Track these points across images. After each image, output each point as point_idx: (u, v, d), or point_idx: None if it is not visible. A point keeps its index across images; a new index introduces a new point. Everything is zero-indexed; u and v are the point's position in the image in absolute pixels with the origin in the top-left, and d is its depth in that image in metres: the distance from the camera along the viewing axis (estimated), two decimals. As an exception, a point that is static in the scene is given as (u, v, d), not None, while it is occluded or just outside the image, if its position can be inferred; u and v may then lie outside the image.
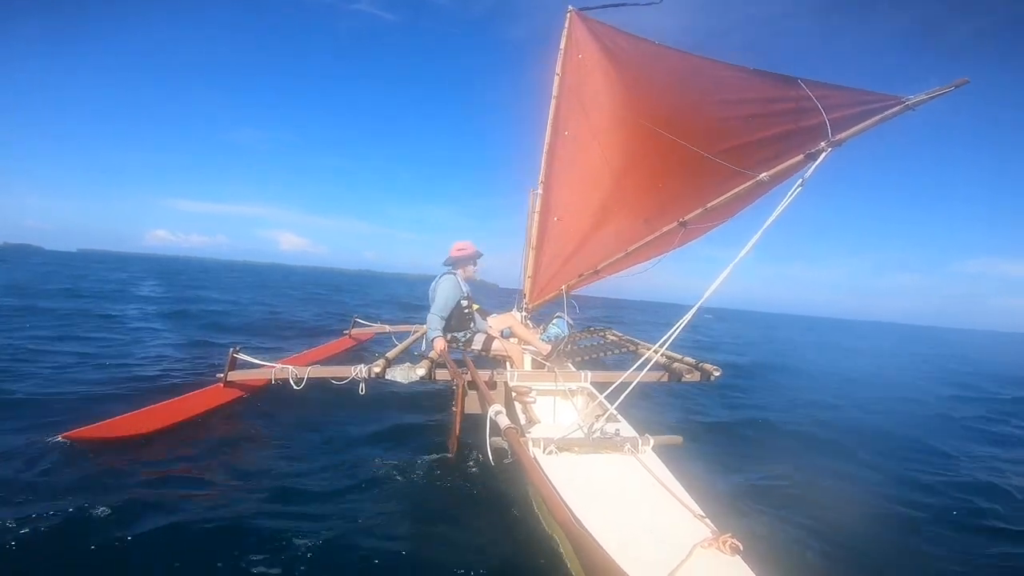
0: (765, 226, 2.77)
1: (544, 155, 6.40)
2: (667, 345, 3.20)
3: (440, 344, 4.68)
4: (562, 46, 6.21)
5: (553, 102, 6.28)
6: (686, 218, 4.03)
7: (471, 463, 4.01)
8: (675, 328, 3.04)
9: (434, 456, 4.22)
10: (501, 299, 7.30)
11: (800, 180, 2.80)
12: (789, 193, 2.76)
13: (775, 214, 2.76)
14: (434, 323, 4.84)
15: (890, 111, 2.77)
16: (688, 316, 2.95)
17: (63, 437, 3.69)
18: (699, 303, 2.92)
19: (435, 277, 5.16)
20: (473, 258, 5.23)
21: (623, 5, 5.91)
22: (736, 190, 3.52)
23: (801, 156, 2.99)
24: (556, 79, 6.24)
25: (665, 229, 4.32)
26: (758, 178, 3.30)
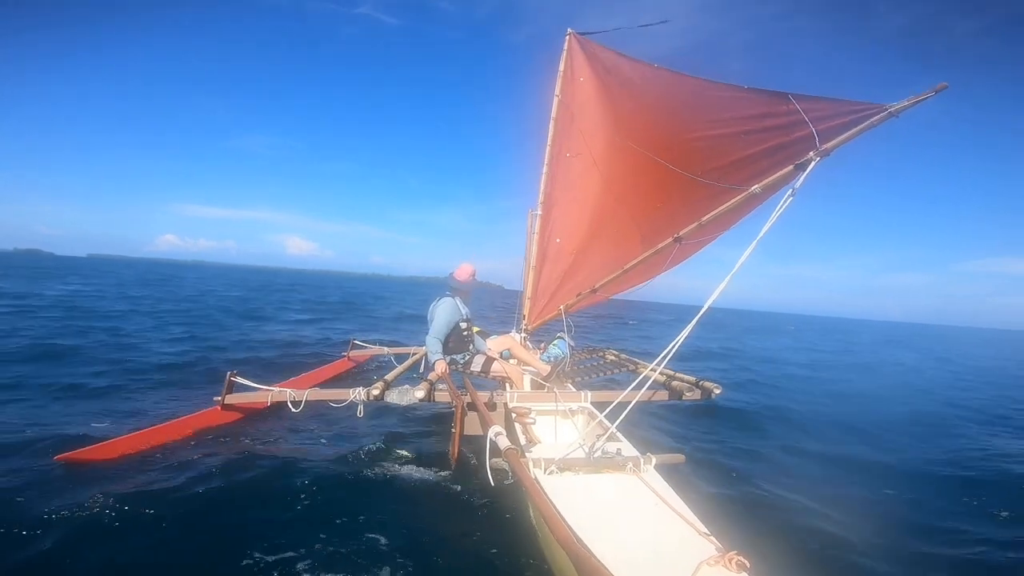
0: (759, 237, 2.81)
1: (543, 176, 6.46)
2: (666, 363, 3.17)
3: (441, 367, 4.64)
4: (561, 68, 6.34)
5: (552, 124, 6.37)
6: (680, 233, 4.07)
7: (472, 485, 3.95)
8: (672, 346, 3.01)
9: (434, 478, 4.16)
10: (507, 300, 7.29)
11: (790, 190, 2.86)
12: (780, 203, 2.82)
13: (767, 224, 2.81)
14: (433, 346, 4.81)
15: (874, 119, 2.85)
16: (684, 333, 2.92)
17: (57, 459, 3.64)
18: (697, 317, 2.91)
19: (437, 296, 5.17)
20: (472, 286, 5.27)
21: (619, 30, 6.06)
22: (728, 204, 3.59)
23: (791, 167, 3.07)
24: (555, 100, 6.34)
25: (660, 246, 4.35)
26: (750, 190, 3.37)
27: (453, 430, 3.96)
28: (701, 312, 2.91)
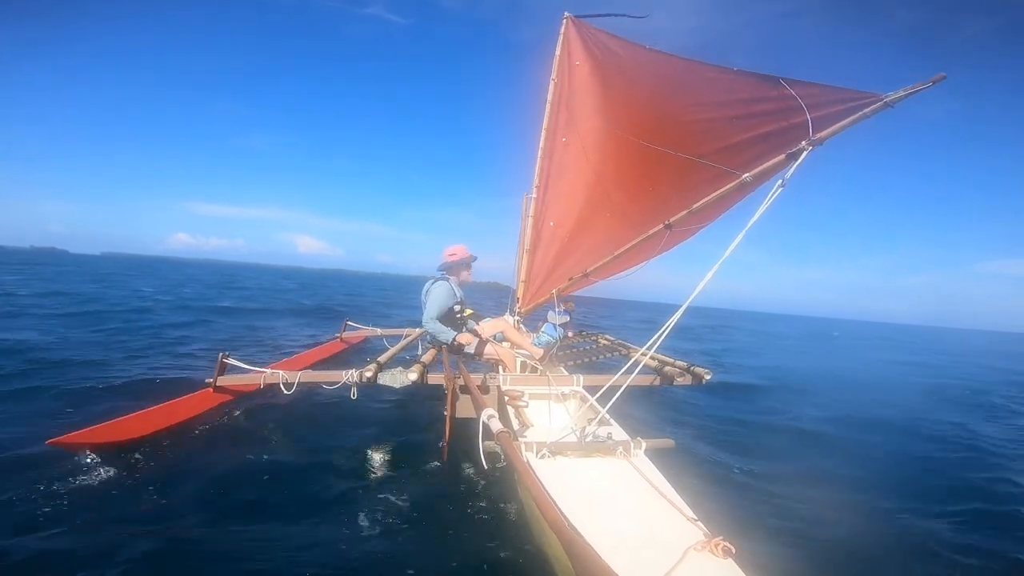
0: (746, 228, 2.79)
1: (538, 160, 6.41)
2: (656, 347, 3.19)
3: (466, 338, 4.87)
4: (557, 52, 6.27)
5: (548, 108, 6.31)
6: (671, 220, 4.05)
7: (464, 467, 3.99)
8: (662, 331, 3.04)
9: (426, 460, 4.19)
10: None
11: (780, 180, 2.81)
12: (770, 194, 2.79)
13: (756, 215, 2.78)
14: (435, 327, 4.90)
15: (870, 108, 2.79)
16: (675, 318, 2.95)
17: (49, 443, 3.64)
18: (685, 304, 2.93)
19: (431, 279, 5.16)
20: (467, 263, 5.22)
21: (618, 16, 6.00)
22: (719, 191, 3.54)
23: (783, 156, 3.01)
24: (552, 85, 6.28)
25: (651, 232, 4.33)
26: (741, 179, 3.32)
27: (445, 412, 3.98)
28: (690, 299, 2.93)
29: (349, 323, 9.27)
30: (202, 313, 14.39)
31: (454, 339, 4.87)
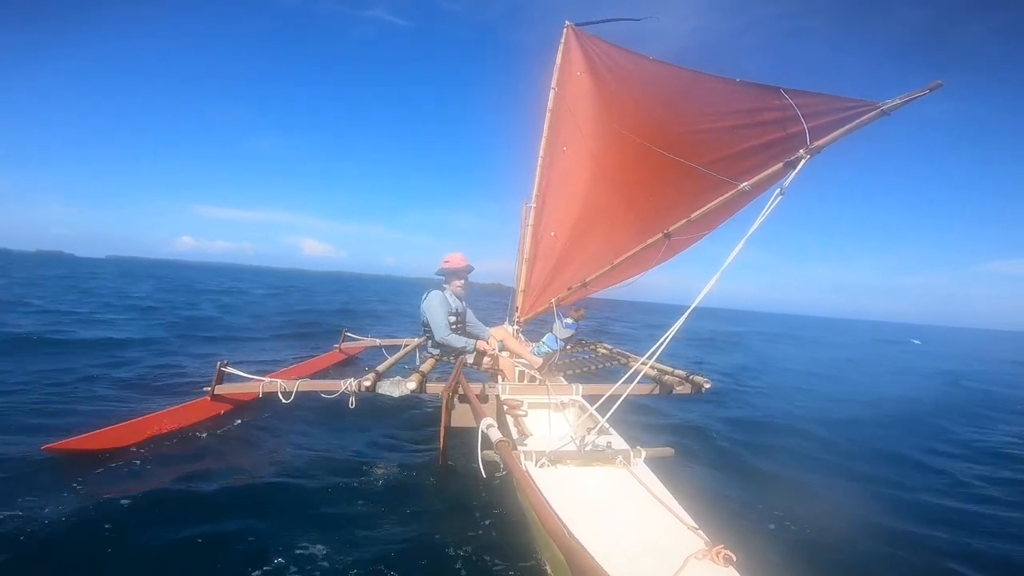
0: (746, 236, 2.83)
1: (538, 168, 6.44)
2: (656, 357, 3.20)
3: (483, 346, 5.03)
4: (558, 61, 6.34)
5: (548, 116, 6.36)
6: (670, 229, 4.07)
7: (463, 476, 3.96)
8: (662, 340, 3.04)
9: (425, 469, 4.17)
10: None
11: (779, 189, 2.85)
12: (769, 202, 2.82)
13: (756, 223, 2.81)
14: (452, 338, 4.95)
15: (867, 116, 2.84)
16: (674, 328, 2.95)
17: (44, 449, 3.61)
18: (684, 315, 2.93)
19: (426, 291, 5.16)
20: (460, 274, 5.22)
21: (619, 20, 6.08)
22: (718, 200, 3.58)
23: (781, 165, 3.06)
24: (552, 93, 6.33)
25: (650, 241, 4.35)
26: (740, 187, 3.36)
27: (441, 421, 3.98)
28: (691, 307, 2.93)
29: (347, 334, 9.24)
30: (173, 328, 12.51)
31: (475, 346, 4.96)
